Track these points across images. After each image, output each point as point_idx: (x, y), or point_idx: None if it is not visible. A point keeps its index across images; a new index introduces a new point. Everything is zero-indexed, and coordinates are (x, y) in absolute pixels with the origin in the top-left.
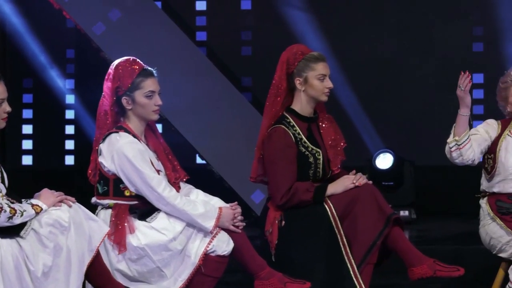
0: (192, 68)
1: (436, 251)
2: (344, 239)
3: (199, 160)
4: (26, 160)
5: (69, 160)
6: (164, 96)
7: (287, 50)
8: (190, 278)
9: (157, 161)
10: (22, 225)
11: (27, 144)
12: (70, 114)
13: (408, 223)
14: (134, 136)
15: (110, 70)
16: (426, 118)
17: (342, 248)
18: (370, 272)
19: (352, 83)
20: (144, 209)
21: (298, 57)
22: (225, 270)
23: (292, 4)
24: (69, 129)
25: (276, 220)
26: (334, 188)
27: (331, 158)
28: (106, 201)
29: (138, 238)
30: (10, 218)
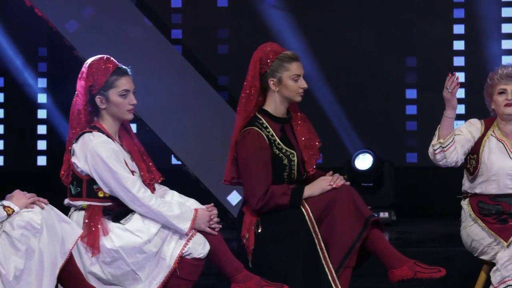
0: (168, 67)
1: (417, 253)
2: (322, 242)
3: (174, 161)
4: None
5: (41, 160)
6: (139, 95)
7: (259, 49)
8: (165, 281)
9: (131, 161)
10: None
11: None
12: (42, 113)
13: (388, 225)
14: (108, 136)
15: (84, 68)
16: (407, 118)
17: (320, 252)
18: (348, 275)
19: (330, 83)
20: (118, 210)
21: (271, 56)
22: (201, 273)
23: (270, 3)
24: (41, 129)
25: (252, 226)
26: (311, 191)
27: (306, 159)
28: (79, 203)
29: (112, 240)
30: None
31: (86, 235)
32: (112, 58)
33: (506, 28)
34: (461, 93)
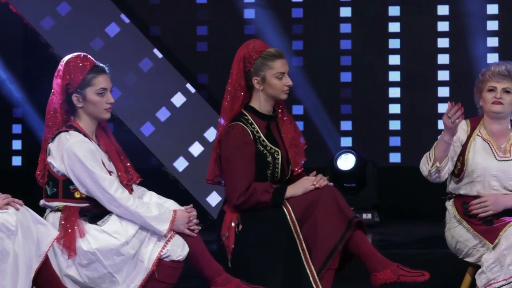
0: (146, 65)
1: (400, 255)
2: (304, 243)
3: (152, 161)
4: None
5: (17, 160)
6: (116, 93)
7: (242, 46)
8: (143, 284)
9: (108, 161)
10: None
11: None
12: (17, 112)
13: (371, 226)
14: (85, 135)
15: (60, 66)
16: (390, 117)
17: (301, 253)
18: (330, 278)
19: (312, 81)
20: (95, 211)
21: (254, 54)
22: (180, 276)
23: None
24: (17, 128)
25: (232, 224)
26: (294, 190)
27: (292, 158)
28: (55, 204)
29: (89, 242)
30: None
31: (62, 237)
32: (89, 56)
33: (491, 25)
34: (445, 91)
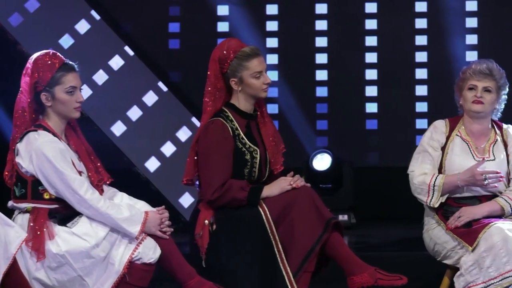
0: (116, 62)
1: (377, 258)
2: (280, 245)
3: (123, 161)
4: None
5: None
6: (86, 92)
7: (217, 47)
8: None
9: (78, 161)
10: None
11: None
12: None
13: (348, 228)
14: (54, 135)
15: (28, 64)
16: (367, 116)
17: (277, 255)
18: (307, 281)
19: (287, 79)
20: (65, 213)
21: (229, 55)
22: (152, 279)
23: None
24: None
25: (206, 222)
26: (270, 190)
27: (272, 157)
28: (23, 205)
29: (58, 245)
30: None
31: (31, 239)
32: (58, 54)
33: (470, 22)
34: (423, 90)
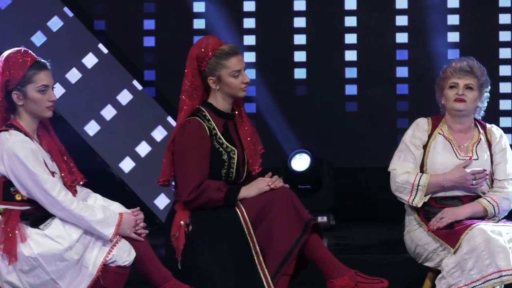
0: (90, 60)
1: (358, 260)
2: (257, 247)
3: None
4: None
5: None
6: (59, 91)
7: (195, 45)
8: None
9: (51, 162)
10: None
11: None
12: None
13: (327, 230)
14: (26, 134)
15: None
16: (346, 115)
17: (255, 257)
18: (285, 284)
19: (265, 78)
20: (37, 215)
21: (207, 54)
22: (126, 282)
23: None
24: None
25: (181, 222)
26: (248, 191)
27: (250, 158)
28: None
29: (30, 247)
30: None
31: (3, 241)
32: (30, 51)
33: (452, 19)
34: (404, 88)
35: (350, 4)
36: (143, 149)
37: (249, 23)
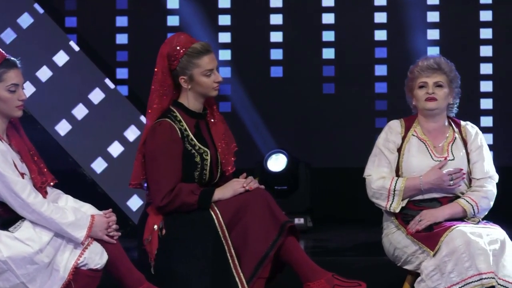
0: (61, 58)
1: (335, 263)
2: (232, 250)
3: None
4: None
5: None
6: (29, 89)
7: (166, 42)
8: None
9: (21, 163)
10: None
11: None
12: None
13: (304, 232)
14: None
15: None
16: (324, 115)
17: (230, 260)
18: (261, 287)
19: (241, 76)
20: (7, 217)
21: (179, 52)
22: (98, 286)
23: None
24: None
25: (155, 227)
26: (222, 193)
27: (223, 158)
28: None
29: (0, 250)
30: None
31: None
32: None
33: (432, 16)
34: (383, 87)
35: (327, 1)
36: (116, 149)
37: (225, 20)
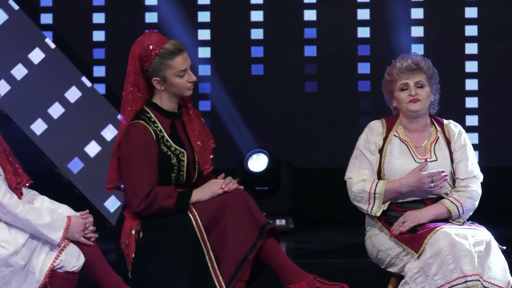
0: (36, 56)
1: (317, 265)
2: (211, 252)
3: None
4: None
5: None
6: (4, 88)
7: (137, 43)
8: None
9: None
10: None
11: None
12: None
13: (285, 233)
14: None
15: None
16: (306, 114)
17: (209, 263)
18: None
19: (221, 74)
20: None
21: (151, 53)
22: None
23: None
24: None
25: (133, 231)
26: (200, 194)
27: (199, 157)
28: None
29: None
30: None
31: None
32: None
33: (416, 13)
34: (366, 85)
35: None
36: (93, 149)
37: (204, 16)
